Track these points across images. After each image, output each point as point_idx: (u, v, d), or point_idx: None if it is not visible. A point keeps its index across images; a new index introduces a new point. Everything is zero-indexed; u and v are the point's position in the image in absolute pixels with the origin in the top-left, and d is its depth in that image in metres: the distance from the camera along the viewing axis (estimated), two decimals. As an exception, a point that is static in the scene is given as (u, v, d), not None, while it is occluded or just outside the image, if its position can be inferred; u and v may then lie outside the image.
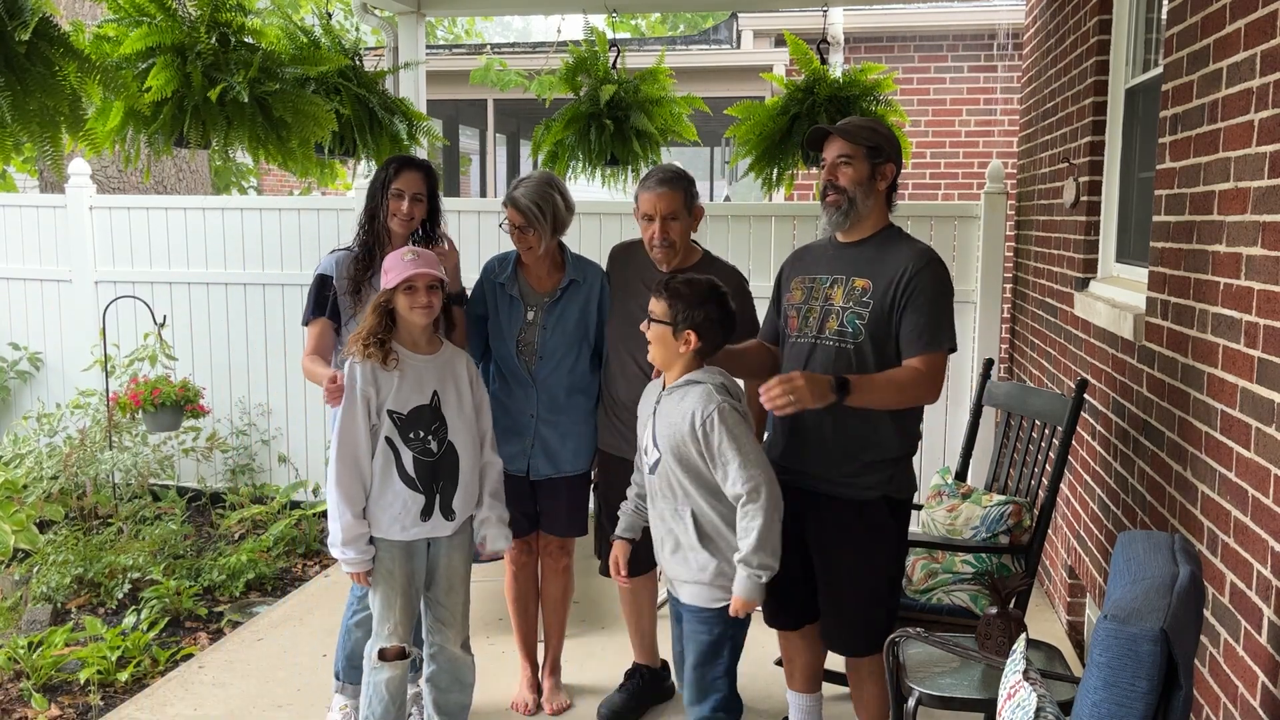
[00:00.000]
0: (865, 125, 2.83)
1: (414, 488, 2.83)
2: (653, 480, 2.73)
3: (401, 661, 2.90)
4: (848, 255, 2.83)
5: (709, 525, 2.66)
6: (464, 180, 13.30)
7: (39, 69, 2.38)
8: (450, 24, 12.35)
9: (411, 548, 2.87)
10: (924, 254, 2.75)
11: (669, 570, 2.76)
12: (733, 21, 8.42)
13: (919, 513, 3.44)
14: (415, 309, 2.80)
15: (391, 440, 2.81)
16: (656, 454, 2.69)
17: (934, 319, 2.70)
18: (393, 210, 3.15)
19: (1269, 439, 2.16)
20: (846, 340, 2.75)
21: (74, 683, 3.65)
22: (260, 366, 5.56)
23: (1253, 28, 2.30)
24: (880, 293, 2.72)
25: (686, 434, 2.59)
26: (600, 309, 3.31)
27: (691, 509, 2.65)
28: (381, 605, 2.87)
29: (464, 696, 3.07)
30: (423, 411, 2.84)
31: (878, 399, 2.67)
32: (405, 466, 2.82)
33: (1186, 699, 1.65)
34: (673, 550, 2.71)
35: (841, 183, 2.76)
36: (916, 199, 7.23)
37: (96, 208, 5.62)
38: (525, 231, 3.19)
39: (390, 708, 2.90)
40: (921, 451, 5.04)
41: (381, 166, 3.23)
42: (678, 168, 3.23)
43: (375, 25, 5.49)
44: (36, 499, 4.64)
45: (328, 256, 3.27)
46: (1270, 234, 2.18)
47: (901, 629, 2.58)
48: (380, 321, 2.82)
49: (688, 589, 2.71)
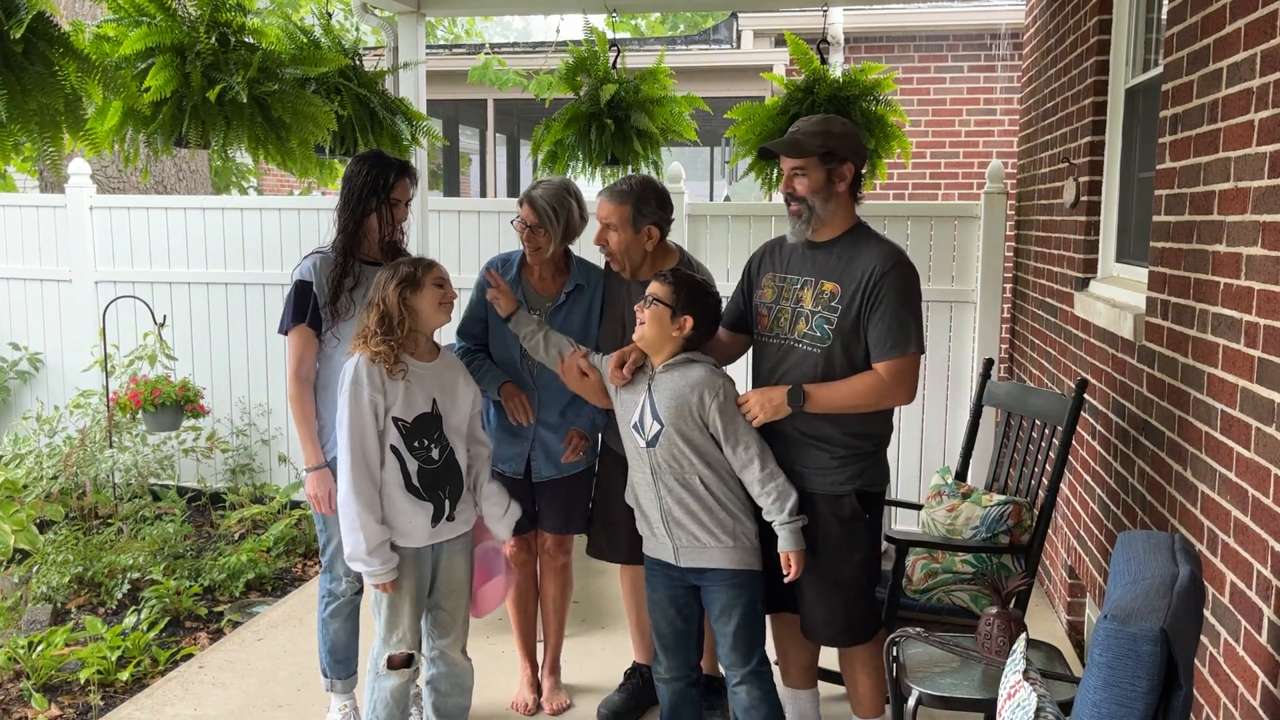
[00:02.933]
0: (815, 131, 2.80)
1: (420, 496, 2.81)
2: (653, 453, 2.79)
3: (407, 669, 2.89)
4: (818, 257, 2.85)
5: (717, 490, 2.78)
6: (464, 180, 13.30)
7: (38, 68, 2.38)
8: (450, 24, 12.34)
9: (420, 554, 2.85)
10: (890, 256, 2.76)
11: (684, 538, 2.81)
12: (733, 21, 8.42)
13: (919, 513, 3.44)
14: (444, 304, 2.80)
15: (397, 449, 2.78)
16: (657, 427, 2.76)
17: (900, 323, 2.72)
18: (398, 219, 3.11)
19: (1269, 439, 2.16)
20: (816, 344, 2.79)
21: (74, 683, 3.65)
22: (260, 366, 5.56)
23: (1253, 28, 2.29)
24: (848, 297, 2.76)
25: (695, 405, 2.74)
26: (603, 313, 3.31)
27: (699, 476, 2.76)
28: (390, 613, 2.84)
29: (464, 699, 3.07)
30: (426, 420, 2.82)
31: (837, 405, 2.76)
32: (411, 476, 2.79)
33: (1186, 699, 1.65)
34: (688, 516, 2.78)
35: (799, 193, 2.80)
36: (916, 199, 7.23)
37: (96, 208, 5.62)
38: (535, 231, 3.19)
39: (395, 712, 2.91)
40: (921, 451, 5.05)
41: (377, 171, 3.07)
42: (640, 182, 3.15)
43: (375, 25, 5.48)
44: (36, 499, 4.64)
45: (305, 260, 3.10)
46: (1270, 234, 2.18)
47: (901, 629, 2.59)
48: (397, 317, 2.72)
49: (712, 554, 2.79)
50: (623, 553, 3.34)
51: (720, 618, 2.83)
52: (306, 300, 3.03)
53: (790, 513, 2.73)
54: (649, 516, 2.88)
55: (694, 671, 2.97)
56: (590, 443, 3.35)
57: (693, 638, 2.94)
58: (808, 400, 2.73)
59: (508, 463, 3.29)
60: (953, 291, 5.01)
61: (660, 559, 2.90)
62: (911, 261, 2.80)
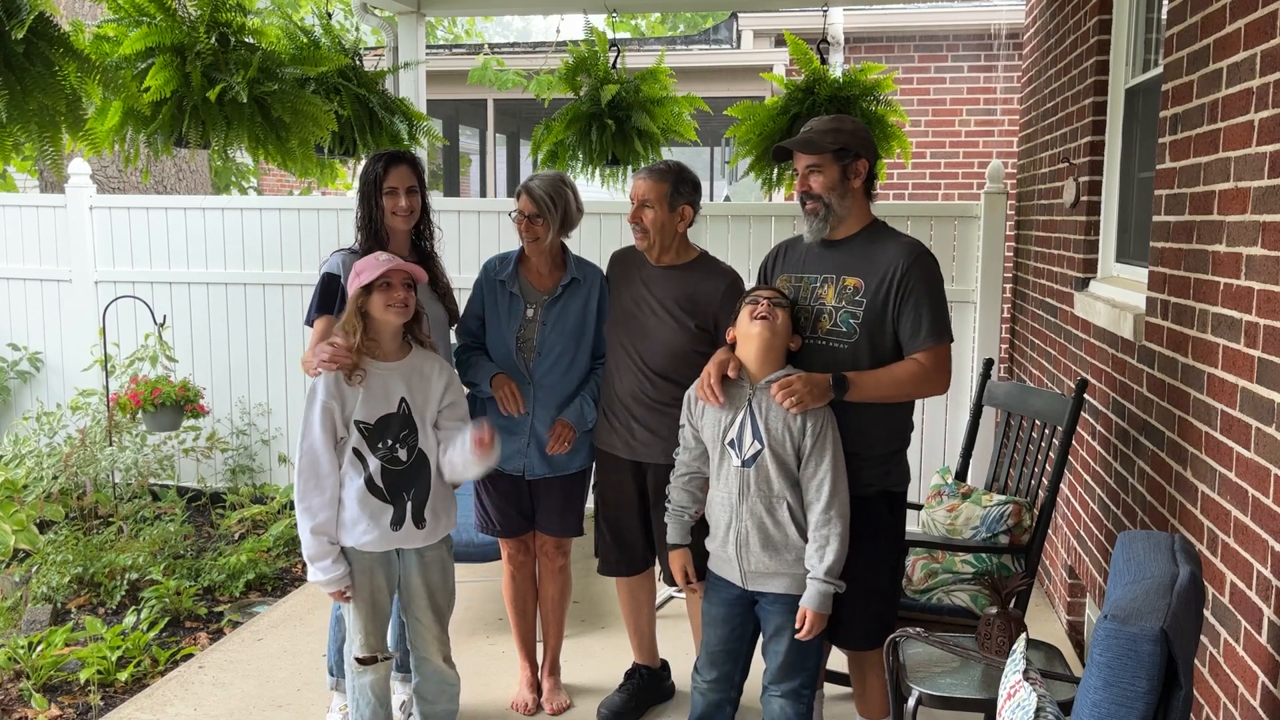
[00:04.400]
0: (828, 129, 2.82)
1: (381, 497, 2.78)
2: (746, 473, 2.71)
3: (381, 664, 2.88)
4: (836, 254, 2.84)
5: (800, 518, 2.70)
6: (464, 180, 13.30)
7: (38, 68, 2.38)
8: (450, 24, 12.34)
9: (382, 558, 2.82)
10: (913, 248, 2.78)
11: (754, 564, 2.73)
12: (733, 21, 8.42)
13: (919, 513, 3.44)
14: (391, 306, 2.73)
15: (359, 450, 2.76)
16: (757, 447, 2.69)
17: (933, 312, 2.74)
18: (390, 209, 3.11)
19: (1269, 439, 2.16)
20: (841, 339, 2.77)
21: (74, 683, 3.65)
22: (260, 366, 5.56)
23: (1253, 28, 2.29)
24: (873, 290, 2.75)
25: (797, 429, 2.67)
26: (600, 310, 3.32)
27: (788, 503, 2.69)
28: (353, 615, 2.84)
29: (451, 705, 3.06)
30: (390, 420, 2.79)
31: (879, 394, 2.72)
32: (372, 476, 2.76)
33: (1186, 699, 1.65)
34: (763, 544, 2.71)
35: (815, 190, 2.79)
36: (916, 199, 7.24)
37: (96, 208, 5.62)
38: (534, 221, 3.20)
39: (378, 709, 2.90)
40: (921, 451, 5.05)
41: (368, 165, 3.14)
42: (677, 164, 3.22)
43: (375, 25, 5.49)
44: (36, 499, 4.64)
45: (334, 255, 3.20)
46: (1270, 234, 2.18)
47: (901, 629, 2.59)
48: (353, 324, 2.74)
49: (781, 580, 2.72)
50: (638, 565, 3.35)
51: (774, 636, 2.76)
52: (333, 293, 3.10)
53: (828, 572, 2.63)
54: (718, 535, 2.79)
55: (735, 691, 2.87)
56: (579, 436, 3.32)
57: (742, 656, 2.86)
58: (851, 387, 2.69)
59: (507, 461, 3.29)
60: (953, 291, 4.93)
61: (724, 577, 2.82)
62: (932, 252, 2.81)
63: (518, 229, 3.26)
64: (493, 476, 3.26)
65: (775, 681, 2.77)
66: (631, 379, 3.17)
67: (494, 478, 3.28)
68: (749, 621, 2.83)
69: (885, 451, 2.81)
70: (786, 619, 2.72)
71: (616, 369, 3.23)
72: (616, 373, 3.23)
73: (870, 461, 2.79)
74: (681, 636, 3.80)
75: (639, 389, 3.16)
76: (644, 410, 3.16)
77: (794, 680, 2.75)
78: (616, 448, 3.24)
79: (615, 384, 3.24)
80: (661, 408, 3.11)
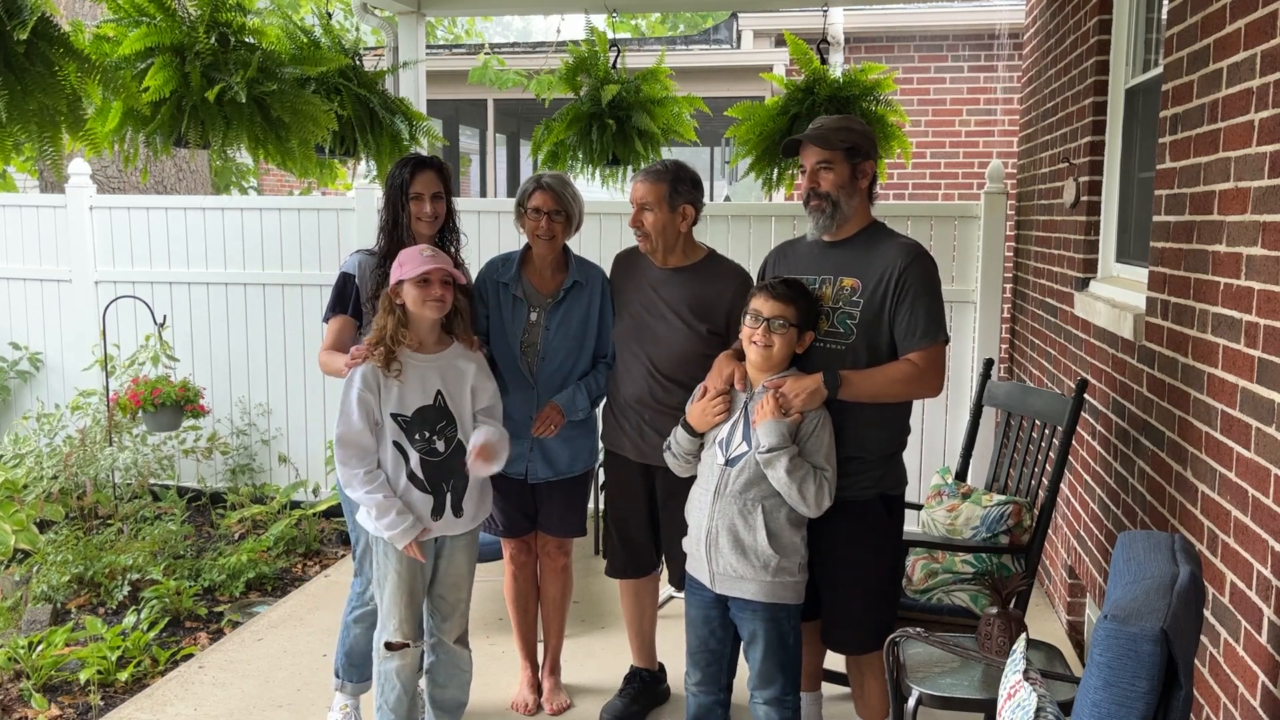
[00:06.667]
0: (840, 127, 2.82)
1: (423, 489, 2.83)
2: (727, 472, 2.72)
3: (409, 650, 2.92)
4: (834, 255, 2.84)
5: (775, 524, 2.70)
6: (464, 180, 13.30)
7: (38, 69, 2.38)
8: (450, 24, 12.34)
9: (422, 547, 2.87)
10: (911, 249, 2.77)
11: (721, 565, 2.73)
12: (733, 21, 8.42)
13: (919, 513, 3.44)
14: (428, 302, 2.78)
15: (399, 443, 2.82)
16: (744, 449, 2.70)
17: (928, 313, 2.73)
18: (416, 214, 3.13)
19: (1269, 439, 2.16)
20: (839, 340, 2.77)
21: (74, 683, 3.65)
22: (260, 367, 5.56)
23: (1253, 28, 2.29)
24: (870, 291, 2.75)
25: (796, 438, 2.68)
26: (602, 312, 3.31)
27: (764, 507, 2.69)
28: (388, 602, 2.88)
29: (461, 693, 3.08)
30: (427, 411, 2.84)
31: (872, 392, 2.72)
32: (413, 468, 2.82)
33: (1186, 699, 1.65)
34: (732, 545, 2.71)
35: (824, 188, 2.78)
36: (916, 199, 7.23)
37: (96, 208, 5.61)
38: (554, 218, 3.20)
39: (403, 696, 2.93)
40: (921, 451, 5.04)
41: (395, 169, 3.18)
42: (675, 163, 3.20)
43: (375, 25, 5.49)
44: (36, 499, 4.64)
45: (351, 256, 3.24)
46: (1270, 234, 2.18)
47: (901, 629, 2.59)
48: (390, 318, 2.79)
49: (748, 585, 2.72)
50: (645, 568, 3.35)
51: (750, 644, 2.78)
52: (348, 292, 3.15)
53: (767, 463, 2.65)
54: (693, 534, 2.82)
55: (723, 692, 2.89)
56: (580, 436, 3.32)
57: (725, 658, 2.87)
58: (844, 385, 2.69)
59: (510, 465, 3.29)
60: (953, 291, 4.99)
61: (696, 578, 2.84)
62: (929, 253, 2.81)
63: (530, 229, 3.24)
64: (496, 477, 3.26)
65: (757, 688, 2.79)
66: (642, 382, 3.16)
67: (497, 479, 3.28)
68: (728, 624, 2.83)
69: (882, 455, 2.81)
70: (759, 626, 2.73)
71: (626, 372, 3.23)
72: (626, 376, 3.23)
73: (867, 465, 2.79)
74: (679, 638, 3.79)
75: (650, 393, 3.15)
76: (654, 414, 3.15)
77: (774, 687, 2.76)
78: (626, 450, 3.24)
79: (625, 387, 3.23)
80: (672, 411, 3.09)
